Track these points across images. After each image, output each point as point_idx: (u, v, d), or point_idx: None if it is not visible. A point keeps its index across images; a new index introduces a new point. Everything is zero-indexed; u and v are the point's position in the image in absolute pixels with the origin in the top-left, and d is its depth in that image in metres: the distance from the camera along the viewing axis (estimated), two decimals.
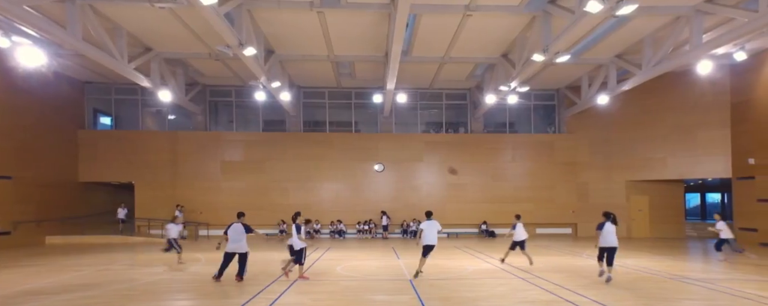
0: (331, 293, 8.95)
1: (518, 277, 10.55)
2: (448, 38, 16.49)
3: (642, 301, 8.08)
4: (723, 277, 10.71)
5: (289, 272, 10.48)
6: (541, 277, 10.45)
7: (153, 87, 17.66)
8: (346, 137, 24.12)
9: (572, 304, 7.78)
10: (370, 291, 9.05)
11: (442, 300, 8.16)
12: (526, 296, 8.49)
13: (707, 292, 9.01)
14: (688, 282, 10.04)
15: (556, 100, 24.99)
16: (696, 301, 8.16)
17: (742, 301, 8.09)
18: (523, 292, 8.89)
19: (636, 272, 11.46)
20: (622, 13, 10.33)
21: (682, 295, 8.71)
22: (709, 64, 17.41)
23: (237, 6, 12.81)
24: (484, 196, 24.15)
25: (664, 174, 21.90)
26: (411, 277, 10.52)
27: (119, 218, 21.89)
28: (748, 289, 9.14)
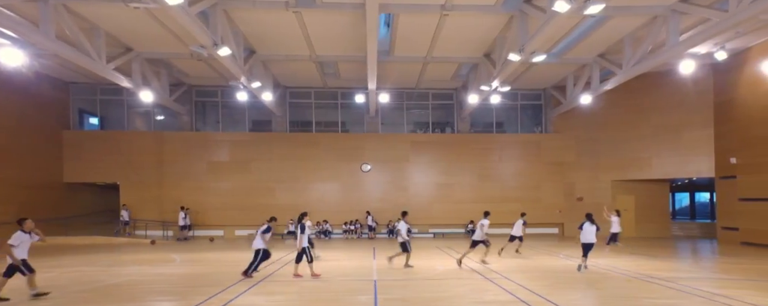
0: (289, 293, 8.93)
1: (485, 278, 10.53)
2: (428, 38, 16.47)
3: (598, 301, 8.07)
4: (687, 276, 10.73)
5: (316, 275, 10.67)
6: (508, 278, 10.43)
7: (134, 87, 17.63)
8: (333, 137, 24.11)
9: (526, 305, 7.79)
10: (329, 291, 9.04)
11: (398, 301, 8.16)
12: (483, 297, 8.48)
13: (665, 290, 9.03)
14: (652, 281, 10.06)
15: (542, 100, 24.99)
16: (650, 300, 8.19)
17: (696, 299, 8.14)
18: (483, 292, 8.88)
19: (606, 271, 11.47)
20: (590, 13, 10.32)
21: (640, 293, 8.77)
22: (692, 64, 17.48)
23: (211, 5, 12.79)
24: (471, 196, 24.13)
25: (650, 174, 21.91)
26: (376, 277, 10.65)
27: (123, 220, 21.84)
28: (705, 287, 9.17)
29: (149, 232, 22.07)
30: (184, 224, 21.91)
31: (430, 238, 23.32)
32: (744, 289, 9.04)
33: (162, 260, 13.96)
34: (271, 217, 11.42)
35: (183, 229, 21.94)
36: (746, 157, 18.18)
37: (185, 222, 21.98)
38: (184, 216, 21.92)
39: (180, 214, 21.86)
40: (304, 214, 11.23)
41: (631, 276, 10.71)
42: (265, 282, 10.09)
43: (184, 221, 21.91)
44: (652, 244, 19.37)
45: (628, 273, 11.15)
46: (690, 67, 17.57)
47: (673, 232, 24.79)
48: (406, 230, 12.22)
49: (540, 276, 10.86)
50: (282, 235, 23.02)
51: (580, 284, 9.84)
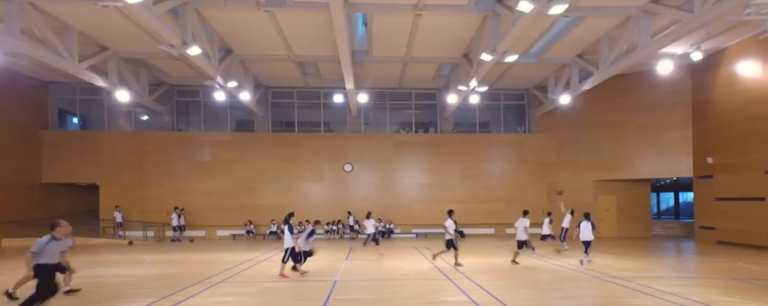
0: (242, 295, 8.84)
1: (447, 278, 10.48)
2: (405, 38, 16.44)
3: (546, 301, 8.11)
4: (648, 276, 10.77)
5: (304, 273, 10.96)
6: (470, 278, 10.41)
7: (110, 87, 17.50)
8: (315, 137, 24.05)
9: (475, 305, 7.79)
10: (285, 292, 9.00)
11: (349, 301, 8.13)
12: (437, 297, 8.47)
13: (619, 289, 9.08)
14: (611, 280, 10.10)
15: (526, 100, 25.05)
16: (600, 299, 8.23)
17: (646, 298, 8.18)
18: (439, 293, 8.86)
19: (570, 272, 11.50)
20: (554, 13, 10.35)
21: (592, 293, 8.80)
22: (670, 65, 17.56)
23: (181, 4, 12.70)
24: (454, 196, 24.09)
25: (630, 174, 22.00)
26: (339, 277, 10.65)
27: (116, 222, 21.62)
28: (659, 286, 9.21)
29: (136, 232, 21.96)
30: (177, 225, 21.75)
31: (412, 237, 23.29)
32: (695, 287, 9.12)
33: (131, 261, 13.85)
34: (315, 220, 11.98)
35: (176, 229, 21.77)
36: (722, 156, 18.28)
37: (179, 222, 21.82)
38: (177, 217, 21.74)
39: (173, 214, 21.69)
40: (291, 214, 11.31)
41: (593, 276, 10.73)
42: (224, 283, 10.01)
43: (177, 222, 21.76)
44: (629, 243, 19.43)
45: (590, 273, 11.16)
46: (668, 67, 17.64)
47: (656, 232, 24.91)
48: (454, 228, 12.59)
49: (503, 276, 10.87)
50: (264, 236, 22.94)
51: (539, 284, 9.87)
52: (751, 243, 16.72)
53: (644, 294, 8.54)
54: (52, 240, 7.34)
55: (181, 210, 22.07)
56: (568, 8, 13.48)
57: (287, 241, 10.75)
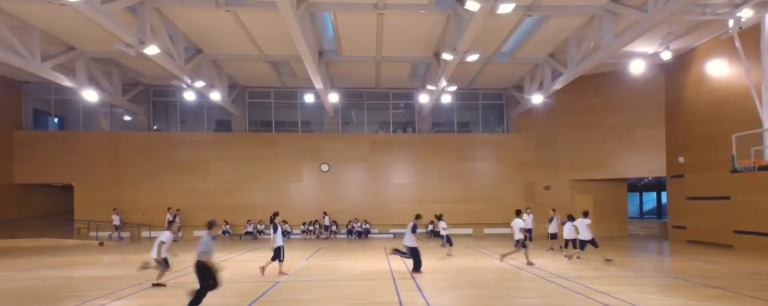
0: (170, 297, 8.69)
1: (391, 279, 10.38)
2: (372, 37, 16.41)
3: (472, 301, 8.10)
4: (593, 275, 10.76)
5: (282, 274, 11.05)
6: (414, 279, 10.34)
7: (77, 86, 17.41)
8: (292, 137, 23.99)
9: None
10: (213, 294, 8.72)
11: (279, 302, 8.08)
12: (367, 298, 8.44)
13: (552, 288, 9.12)
14: (549, 279, 10.11)
15: (504, 100, 25.05)
16: (523, 300, 8.30)
17: (573, 296, 8.24)
18: (372, 294, 8.84)
19: (514, 272, 11.45)
20: (502, 12, 10.33)
21: (520, 293, 8.89)
22: (641, 64, 17.52)
23: (139, 3, 12.64)
24: (432, 196, 24.09)
25: (606, 173, 22.03)
26: (284, 278, 10.60)
27: (114, 224, 21.49)
28: (594, 285, 9.22)
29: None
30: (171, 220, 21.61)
31: (390, 238, 23.24)
32: (629, 286, 9.15)
33: (87, 263, 13.65)
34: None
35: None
36: (693, 156, 18.31)
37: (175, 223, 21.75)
38: (171, 218, 21.64)
39: (167, 214, 21.60)
40: (276, 213, 11.57)
41: (539, 276, 10.71)
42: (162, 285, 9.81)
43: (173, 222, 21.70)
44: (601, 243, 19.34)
45: (537, 273, 11.11)
46: (640, 66, 17.60)
47: (635, 231, 24.96)
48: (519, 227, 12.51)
49: (449, 277, 10.81)
50: (240, 236, 22.87)
51: (477, 284, 9.83)
52: (718, 242, 16.75)
53: (574, 293, 8.60)
54: (211, 237, 7.68)
55: (176, 211, 21.97)
56: (529, 7, 13.69)
57: (277, 240, 11.09)
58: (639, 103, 20.92)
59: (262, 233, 23.06)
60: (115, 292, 9.15)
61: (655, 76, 20.23)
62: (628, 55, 18.36)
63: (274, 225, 11.21)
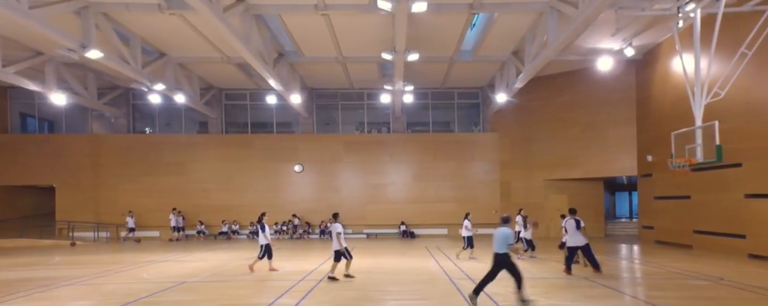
0: (59, 299, 8.66)
1: (293, 281, 10.28)
2: (327, 37, 16.47)
3: (351, 303, 8.09)
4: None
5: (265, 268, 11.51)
6: (360, 280, 10.35)
7: (45, 90, 17.93)
8: (266, 138, 24.23)
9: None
10: (99, 294, 8.90)
11: (159, 303, 8.15)
12: (246, 300, 8.40)
13: (456, 290, 9.04)
14: (465, 280, 10.05)
15: (480, 99, 24.86)
16: (424, 301, 8.24)
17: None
18: (257, 295, 8.80)
19: (441, 273, 11.32)
20: (416, 11, 10.28)
21: (422, 294, 8.83)
22: (609, 61, 17.22)
23: (83, 8, 12.97)
24: (406, 196, 24.09)
25: (579, 172, 21.65)
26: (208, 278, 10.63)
27: (128, 227, 22.03)
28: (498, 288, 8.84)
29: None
30: (175, 226, 22.15)
31: (363, 238, 23.27)
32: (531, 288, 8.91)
33: (35, 263, 13.93)
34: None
35: (175, 230, 22.17)
36: (660, 154, 17.82)
37: (177, 223, 22.23)
38: (175, 218, 22.13)
39: (171, 216, 22.14)
40: (263, 214, 12.14)
41: (460, 277, 10.61)
42: (71, 287, 9.85)
43: (176, 223, 22.19)
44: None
45: (461, 275, 10.99)
46: (607, 63, 17.29)
47: (615, 232, 24.44)
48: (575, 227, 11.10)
49: (393, 278, 10.73)
50: (215, 236, 23.19)
51: (379, 286, 9.75)
52: (680, 242, 16.33)
53: (454, 290, 8.60)
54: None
55: (178, 212, 22.44)
56: (472, 5, 13.60)
57: (262, 238, 11.68)
58: (611, 101, 20.53)
59: (236, 233, 23.34)
60: (17, 293, 9.19)
61: (626, 73, 19.84)
62: (594, 52, 18.11)
63: (262, 224, 11.84)
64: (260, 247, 11.71)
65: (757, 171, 12.72)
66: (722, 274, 10.38)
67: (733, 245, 13.69)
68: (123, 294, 8.83)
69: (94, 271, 11.62)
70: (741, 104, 13.24)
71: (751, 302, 7.99)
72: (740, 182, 13.34)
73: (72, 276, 11.01)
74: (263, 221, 11.94)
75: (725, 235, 14.04)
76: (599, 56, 17.09)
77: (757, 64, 12.50)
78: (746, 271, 11.04)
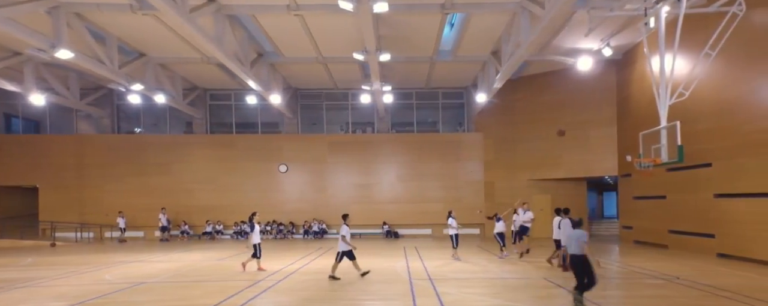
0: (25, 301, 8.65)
1: (253, 281, 10.27)
2: (302, 37, 16.48)
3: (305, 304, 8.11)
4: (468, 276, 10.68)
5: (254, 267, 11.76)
6: (321, 280, 10.33)
7: (24, 91, 17.95)
8: (251, 139, 24.23)
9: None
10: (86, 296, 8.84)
11: (149, 302, 8.16)
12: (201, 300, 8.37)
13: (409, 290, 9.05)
14: (422, 281, 10.08)
15: (464, 99, 24.87)
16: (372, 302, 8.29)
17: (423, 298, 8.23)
18: (212, 296, 8.70)
19: (396, 274, 11.29)
20: (378, 11, 10.30)
21: (371, 295, 8.82)
22: (589, 61, 17.26)
23: (54, 7, 12.98)
24: (390, 196, 24.10)
25: (562, 172, 21.67)
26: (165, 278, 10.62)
27: (119, 227, 22.01)
28: (449, 288, 9.12)
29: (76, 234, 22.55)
30: (164, 225, 22.15)
31: None
32: (481, 288, 9.12)
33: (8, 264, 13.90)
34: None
35: (163, 230, 22.18)
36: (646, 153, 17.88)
37: (164, 223, 22.23)
38: (163, 217, 22.16)
39: (160, 215, 22.15)
40: (254, 213, 12.31)
41: (418, 278, 10.60)
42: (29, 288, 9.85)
43: (165, 222, 22.21)
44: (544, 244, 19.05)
45: (418, 275, 10.99)
46: (587, 63, 17.34)
47: (600, 232, 24.47)
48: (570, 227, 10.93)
49: (318, 278, 10.71)
50: (199, 236, 23.21)
51: (329, 286, 9.77)
52: (657, 242, 16.35)
53: (424, 295, 8.57)
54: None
55: (164, 210, 22.47)
56: (443, 6, 13.62)
57: (254, 238, 11.89)
58: (593, 101, 20.55)
59: (220, 233, 23.36)
60: None
61: (607, 73, 19.87)
62: (573, 52, 18.13)
63: (252, 224, 12.03)
64: (253, 246, 11.92)
65: (726, 171, 12.75)
66: (682, 273, 10.43)
67: (704, 245, 13.71)
68: (72, 296, 8.78)
69: (59, 273, 11.60)
70: (712, 104, 13.28)
71: (694, 300, 8.10)
72: (710, 182, 13.36)
73: (34, 277, 10.99)
74: (254, 221, 12.12)
75: (697, 235, 14.07)
76: (579, 56, 17.14)
77: (726, 65, 12.54)
78: (707, 269, 11.12)
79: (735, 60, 12.28)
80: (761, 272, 10.70)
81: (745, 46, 11.86)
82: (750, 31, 11.58)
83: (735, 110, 12.44)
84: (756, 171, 11.64)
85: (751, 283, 9.39)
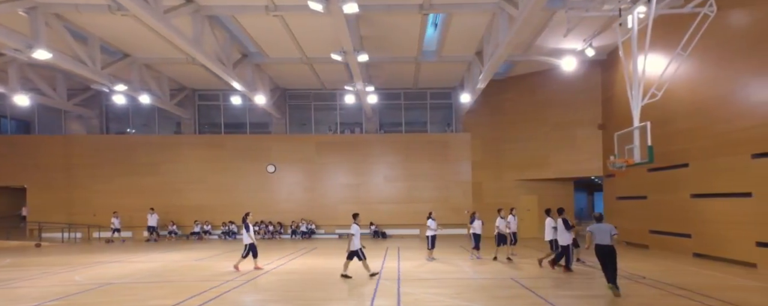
0: None
1: (204, 281, 10.28)
2: (286, 38, 16.52)
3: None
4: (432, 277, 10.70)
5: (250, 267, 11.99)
6: (284, 280, 10.30)
7: (8, 92, 17.99)
8: (239, 139, 24.26)
9: None
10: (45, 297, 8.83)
11: (106, 303, 8.18)
12: (146, 301, 8.41)
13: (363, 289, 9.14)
14: (386, 280, 10.08)
15: (452, 99, 24.88)
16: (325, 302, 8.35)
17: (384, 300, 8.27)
18: (164, 298, 8.73)
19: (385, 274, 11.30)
20: (349, 11, 10.32)
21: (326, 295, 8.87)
22: (573, 61, 17.28)
23: (31, 8, 13.02)
24: (378, 196, 24.11)
25: (548, 173, 21.67)
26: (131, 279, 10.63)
27: (113, 228, 21.89)
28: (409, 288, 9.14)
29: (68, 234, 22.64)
30: (152, 225, 22.12)
31: (334, 238, 23.30)
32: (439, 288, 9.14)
33: None
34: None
35: (150, 230, 22.17)
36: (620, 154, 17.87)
37: (153, 223, 22.20)
38: (151, 217, 22.14)
39: (148, 215, 22.13)
40: (247, 214, 12.50)
41: (385, 278, 10.62)
42: None
43: (154, 222, 22.18)
44: (528, 244, 19.11)
45: (387, 276, 11.00)
46: (571, 64, 17.36)
47: (585, 232, 24.41)
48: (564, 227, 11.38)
49: (298, 279, 10.72)
50: (187, 236, 23.24)
51: (283, 286, 9.78)
52: (638, 242, 16.35)
53: (385, 295, 8.59)
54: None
55: (151, 210, 22.45)
56: (421, 6, 13.63)
57: (246, 238, 12.04)
58: (578, 102, 20.54)
59: (208, 234, 23.39)
60: None
61: (592, 73, 19.88)
62: (557, 53, 18.13)
63: (246, 224, 12.15)
64: (245, 246, 12.09)
65: (702, 171, 12.75)
66: (651, 273, 10.44)
67: (681, 245, 13.72)
68: (31, 298, 8.75)
69: (31, 274, 11.58)
70: (689, 105, 13.29)
71: (648, 299, 8.18)
72: (687, 182, 13.37)
73: (3, 279, 10.94)
74: (247, 221, 12.25)
75: (674, 235, 14.07)
76: (563, 57, 17.14)
77: (702, 65, 12.55)
78: (677, 269, 11.16)
79: (710, 61, 12.29)
80: (728, 271, 10.75)
81: (719, 47, 11.87)
82: (724, 32, 11.60)
83: (710, 110, 12.44)
84: (730, 171, 11.64)
85: (712, 282, 9.46)
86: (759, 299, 8.13)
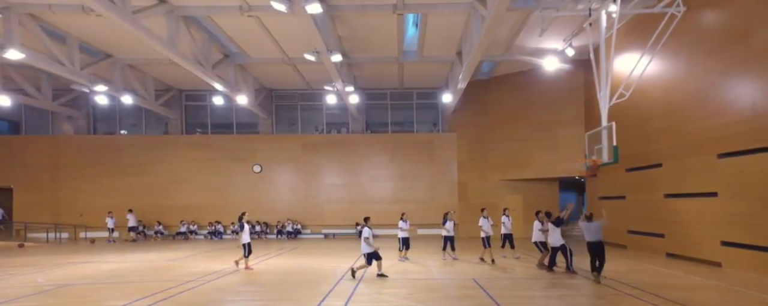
0: None
1: (162, 281, 10.26)
2: (265, 39, 16.54)
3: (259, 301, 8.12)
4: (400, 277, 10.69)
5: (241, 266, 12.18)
6: (237, 281, 10.30)
7: None
8: (225, 139, 24.30)
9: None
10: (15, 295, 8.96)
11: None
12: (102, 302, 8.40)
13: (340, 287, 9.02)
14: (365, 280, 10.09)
15: (438, 99, 24.84)
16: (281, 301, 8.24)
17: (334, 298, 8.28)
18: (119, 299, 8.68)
19: (335, 275, 11.28)
20: (312, 12, 10.33)
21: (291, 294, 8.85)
22: (555, 61, 17.23)
23: (4, 8, 13.07)
24: (364, 196, 24.11)
25: (532, 173, 21.64)
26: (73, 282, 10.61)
27: (129, 226, 22.00)
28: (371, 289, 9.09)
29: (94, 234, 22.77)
30: (132, 225, 22.16)
31: (320, 238, 23.32)
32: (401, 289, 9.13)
33: None
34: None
35: (131, 230, 22.17)
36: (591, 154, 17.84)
37: (133, 223, 22.24)
38: (132, 217, 22.18)
39: (128, 216, 22.15)
40: (243, 213, 12.57)
41: (367, 279, 10.63)
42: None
43: (134, 222, 22.23)
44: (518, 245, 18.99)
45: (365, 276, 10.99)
46: (553, 63, 17.32)
47: (572, 232, 24.35)
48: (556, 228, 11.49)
49: (265, 279, 10.69)
50: (173, 236, 23.30)
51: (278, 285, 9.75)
52: (617, 242, 16.30)
53: (338, 296, 8.60)
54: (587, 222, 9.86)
55: (132, 211, 22.52)
56: (395, 6, 13.63)
57: (244, 237, 12.12)
58: (561, 102, 20.52)
59: (194, 233, 23.43)
60: None
61: (575, 73, 19.83)
62: (539, 52, 18.11)
63: (241, 224, 12.20)
64: (243, 245, 12.11)
65: (674, 171, 12.72)
66: (615, 273, 10.43)
67: (655, 244, 13.69)
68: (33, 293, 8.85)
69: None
70: (662, 105, 13.25)
71: (594, 298, 8.19)
72: (661, 182, 13.33)
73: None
74: (243, 221, 12.28)
75: (649, 235, 14.04)
76: (545, 56, 17.10)
77: (673, 65, 12.51)
78: (642, 269, 11.21)
79: (682, 60, 12.25)
80: (692, 271, 10.75)
81: (690, 47, 11.83)
82: (692, 32, 11.57)
83: (682, 110, 12.40)
84: (699, 171, 11.61)
85: (667, 282, 9.50)
86: (702, 297, 8.12)
